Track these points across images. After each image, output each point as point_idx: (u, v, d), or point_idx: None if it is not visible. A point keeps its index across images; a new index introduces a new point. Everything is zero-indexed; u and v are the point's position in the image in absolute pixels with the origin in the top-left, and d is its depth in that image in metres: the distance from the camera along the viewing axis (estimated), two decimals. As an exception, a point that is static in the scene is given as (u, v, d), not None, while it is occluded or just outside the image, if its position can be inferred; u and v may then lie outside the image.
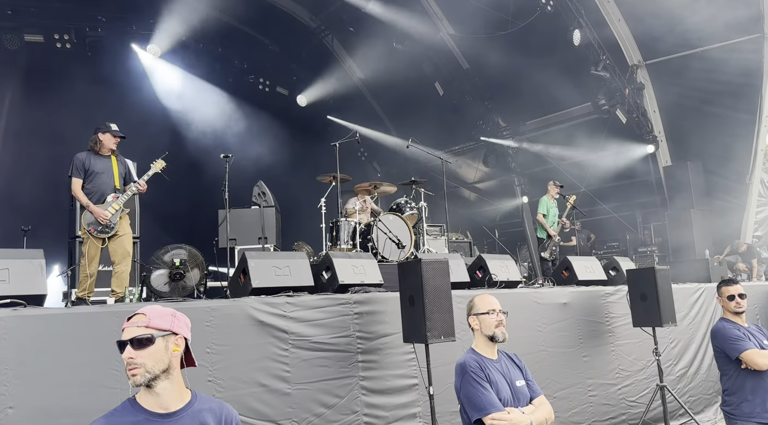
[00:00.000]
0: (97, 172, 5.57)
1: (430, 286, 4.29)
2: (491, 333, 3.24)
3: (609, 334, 6.65)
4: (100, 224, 5.39)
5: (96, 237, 5.40)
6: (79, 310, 3.79)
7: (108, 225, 5.43)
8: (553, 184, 9.92)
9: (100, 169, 5.60)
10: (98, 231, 5.39)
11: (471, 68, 14.67)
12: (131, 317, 1.99)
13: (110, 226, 5.45)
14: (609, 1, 11.62)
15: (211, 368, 3.98)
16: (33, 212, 9.55)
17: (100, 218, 5.39)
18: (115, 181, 5.69)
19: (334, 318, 4.65)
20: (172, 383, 1.96)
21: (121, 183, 5.75)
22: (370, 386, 4.72)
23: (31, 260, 3.83)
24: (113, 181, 5.68)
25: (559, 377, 5.98)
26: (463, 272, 6.19)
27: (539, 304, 6.13)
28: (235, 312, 4.21)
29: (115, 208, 5.51)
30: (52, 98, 10.99)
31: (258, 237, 8.24)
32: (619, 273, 7.57)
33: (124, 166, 5.82)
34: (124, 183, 5.79)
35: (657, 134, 12.47)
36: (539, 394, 3.27)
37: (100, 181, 5.58)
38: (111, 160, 5.71)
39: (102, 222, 5.39)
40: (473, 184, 16.83)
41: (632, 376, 6.68)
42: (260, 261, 4.82)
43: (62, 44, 11.74)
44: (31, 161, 10.39)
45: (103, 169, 5.63)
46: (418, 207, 8.47)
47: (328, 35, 15.54)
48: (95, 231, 5.38)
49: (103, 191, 5.57)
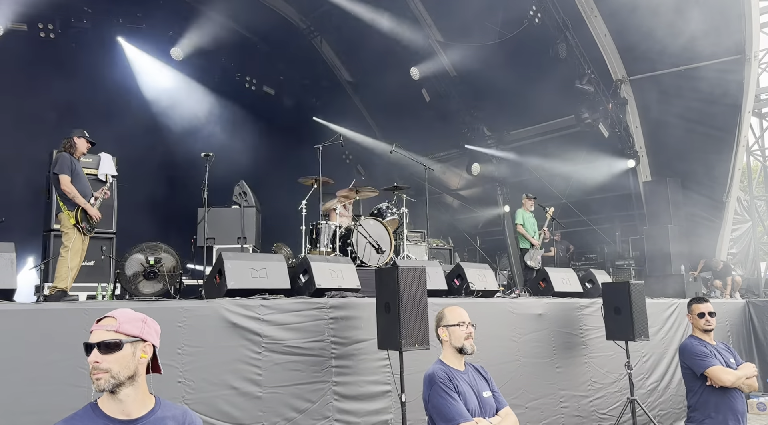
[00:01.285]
0: (79, 173, 5.84)
1: (407, 294, 4.30)
2: (460, 345, 3.27)
3: (583, 346, 6.71)
4: (89, 222, 5.67)
5: (84, 234, 5.65)
6: (49, 306, 3.73)
7: (94, 225, 5.75)
8: (526, 197, 10.08)
9: (80, 171, 5.88)
10: (87, 229, 5.66)
11: (458, 76, 14.73)
12: (101, 319, 1.95)
13: (94, 226, 5.77)
14: (596, 16, 11.75)
15: (181, 369, 3.94)
16: (6, 205, 9.38)
17: (95, 217, 5.70)
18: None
19: (309, 322, 4.63)
20: (136, 390, 1.93)
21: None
22: (343, 391, 4.71)
23: (2, 254, 3.76)
24: (89, 183, 6.01)
25: (531, 387, 6.02)
26: (441, 280, 6.21)
27: (515, 314, 6.17)
28: (208, 314, 4.17)
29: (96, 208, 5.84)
30: (31, 89, 10.80)
31: (237, 237, 8.18)
32: (595, 285, 7.64)
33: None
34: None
35: (638, 149, 12.63)
36: (505, 405, 3.31)
37: (84, 183, 5.88)
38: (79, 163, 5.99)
39: (91, 222, 5.68)
40: (456, 191, 16.89)
41: (604, 389, 6.75)
42: (236, 262, 4.78)
43: (46, 34, 11.55)
44: (6, 153, 10.21)
45: (81, 171, 5.92)
46: (400, 212, 8.47)
47: (317, 36, 15.51)
48: (85, 229, 5.64)
49: (86, 192, 5.82)
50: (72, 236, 5.56)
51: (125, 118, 11.75)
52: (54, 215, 6.72)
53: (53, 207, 6.78)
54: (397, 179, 14.30)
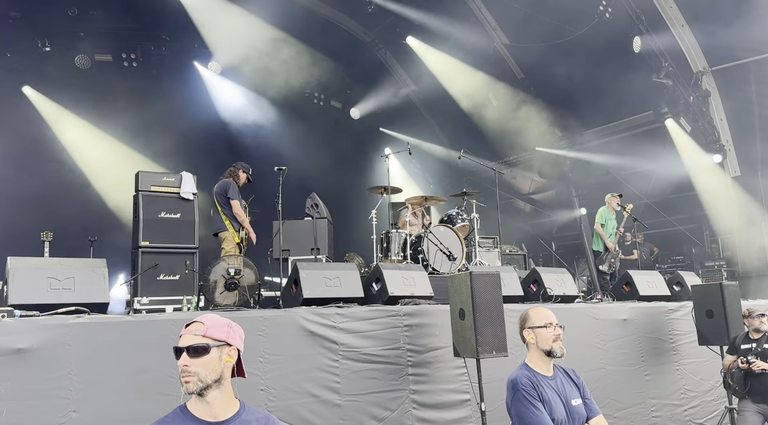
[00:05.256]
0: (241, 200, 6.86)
1: (481, 299, 4.21)
2: (548, 348, 3.05)
3: (673, 352, 6.35)
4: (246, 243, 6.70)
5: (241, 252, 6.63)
6: (139, 318, 3.93)
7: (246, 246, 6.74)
8: (612, 195, 9.55)
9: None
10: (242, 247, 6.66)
11: (526, 78, 14.45)
12: (189, 324, 2.03)
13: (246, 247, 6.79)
14: (671, 6, 11.21)
15: (263, 377, 4.03)
16: (98, 225, 10.01)
17: (253, 240, 6.73)
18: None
19: (384, 330, 4.63)
20: (223, 393, 1.99)
21: None
22: (422, 400, 4.67)
23: (95, 269, 4.00)
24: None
25: (619, 396, 5.75)
26: (517, 285, 6.06)
27: (597, 320, 5.92)
28: (286, 322, 4.26)
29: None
30: (119, 114, 11.52)
31: (311, 248, 8.33)
32: (683, 288, 7.23)
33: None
34: None
35: (724, 143, 11.89)
36: (597, 413, 3.08)
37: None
38: None
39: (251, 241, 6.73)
40: (528, 195, 16.50)
41: (699, 397, 6.34)
42: (311, 271, 4.86)
43: (129, 63, 12.33)
44: (98, 175, 10.92)
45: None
46: (470, 218, 8.36)
47: (381, 49, 15.68)
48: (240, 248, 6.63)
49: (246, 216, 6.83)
50: (229, 252, 6.52)
51: (202, 137, 12.32)
52: (140, 233, 7.14)
53: (140, 225, 7.18)
54: (466, 185, 14.21)
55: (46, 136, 11.28)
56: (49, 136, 11.33)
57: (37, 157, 10.84)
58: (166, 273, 7.16)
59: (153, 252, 6.79)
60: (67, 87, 11.28)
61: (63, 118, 11.47)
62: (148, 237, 6.95)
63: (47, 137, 11.28)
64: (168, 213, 7.09)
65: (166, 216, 7.20)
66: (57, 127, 11.47)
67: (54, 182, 10.74)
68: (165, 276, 7.16)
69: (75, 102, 11.41)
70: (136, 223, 7.37)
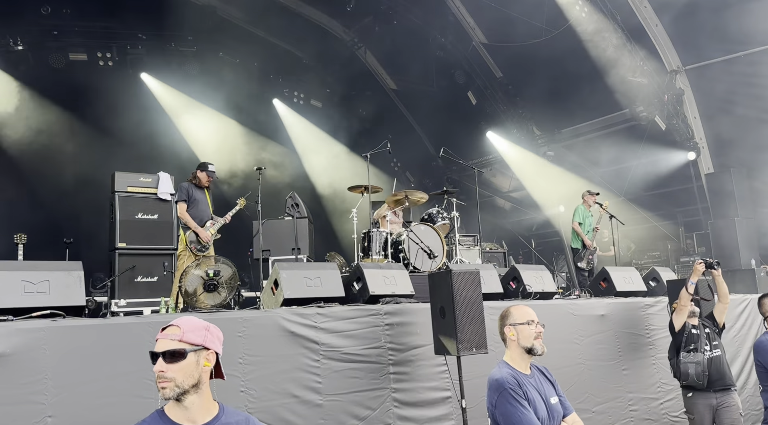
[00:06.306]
0: (197, 200, 6.77)
1: (461, 297, 4.23)
2: (529, 346, 3.02)
3: (649, 347, 6.45)
4: (200, 243, 6.57)
5: (194, 253, 6.55)
6: (115, 321, 3.87)
7: (206, 246, 6.61)
8: (588, 193, 9.69)
9: (200, 199, 6.81)
10: (198, 250, 6.55)
11: (504, 77, 14.56)
12: (165, 328, 2.00)
13: (207, 246, 6.65)
14: (646, 6, 11.38)
15: (243, 378, 4.01)
16: (75, 226, 9.85)
17: (204, 238, 6.60)
18: (210, 209, 6.99)
19: (365, 329, 4.63)
20: (201, 397, 1.97)
21: (211, 212, 6.99)
22: (403, 398, 4.68)
23: (70, 272, 3.94)
24: (209, 209, 6.94)
25: (597, 391, 5.83)
26: (496, 283, 6.10)
27: (576, 316, 5.99)
28: (266, 323, 4.24)
29: (212, 232, 6.75)
30: (94, 114, 11.34)
31: (291, 248, 8.29)
32: (659, 283, 7.35)
33: (212, 199, 7.08)
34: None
35: (698, 141, 12.11)
36: (572, 411, 3.09)
37: (200, 209, 6.78)
38: (206, 192, 6.99)
39: (203, 242, 6.59)
40: (508, 193, 16.63)
41: (675, 390, 6.44)
42: (291, 272, 4.85)
43: (104, 62, 12.14)
44: (73, 175, 10.74)
45: (201, 199, 6.87)
46: (450, 217, 8.40)
47: (361, 47, 15.67)
48: (195, 249, 6.53)
49: (202, 217, 6.77)
50: (183, 257, 6.40)
51: (181, 137, 12.19)
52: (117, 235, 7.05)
53: (117, 227, 7.09)
54: (447, 184, 14.27)
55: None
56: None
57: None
58: (144, 275, 7.08)
59: (130, 254, 6.71)
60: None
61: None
62: (125, 239, 6.86)
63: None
64: (145, 214, 7.01)
65: (143, 217, 7.12)
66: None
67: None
68: (143, 278, 7.07)
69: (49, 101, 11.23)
70: (113, 224, 7.28)
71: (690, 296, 5.26)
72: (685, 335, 5.22)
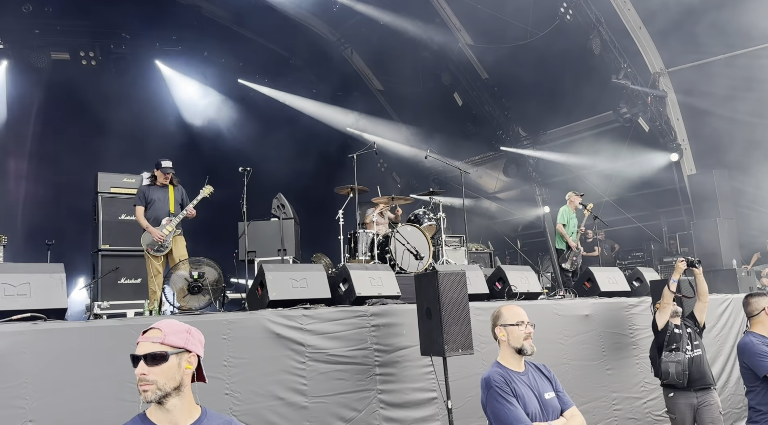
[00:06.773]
0: (154, 200, 6.45)
1: (448, 298, 4.24)
2: (519, 346, 3.12)
3: (633, 347, 6.51)
4: (156, 244, 6.20)
5: (153, 255, 6.18)
6: (97, 324, 3.83)
7: (163, 245, 6.25)
8: (574, 194, 9.75)
9: (158, 198, 6.48)
10: (155, 250, 6.19)
11: (490, 78, 14.63)
12: (146, 331, 1.98)
13: (165, 245, 6.27)
14: (630, 9, 11.50)
15: (228, 381, 3.98)
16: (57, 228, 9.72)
17: (155, 237, 6.18)
18: (170, 206, 6.52)
19: (351, 330, 4.62)
20: (183, 400, 1.95)
21: (177, 208, 6.54)
22: (389, 399, 4.68)
23: (52, 274, 3.88)
24: (168, 206, 6.52)
25: (582, 390, 5.86)
26: (482, 284, 6.12)
27: (560, 316, 6.03)
28: (251, 325, 4.21)
29: (168, 229, 6.31)
30: (76, 115, 11.21)
31: (277, 249, 8.26)
32: (642, 284, 7.42)
33: (180, 194, 6.66)
34: (181, 207, 6.55)
35: (681, 142, 12.26)
36: (570, 406, 3.14)
37: (156, 208, 6.44)
38: (168, 189, 6.60)
39: (157, 242, 6.19)
40: (494, 194, 16.72)
41: (657, 390, 6.48)
42: (277, 273, 4.82)
43: (87, 61, 12.01)
44: (56, 176, 10.61)
45: (160, 197, 6.49)
46: (437, 218, 8.41)
47: (348, 48, 15.66)
48: (152, 250, 6.19)
49: (157, 216, 6.38)
50: (148, 260, 6.18)
51: (165, 137, 12.08)
52: (100, 236, 6.98)
53: (100, 228, 7.02)
54: (433, 185, 14.30)
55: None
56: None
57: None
58: (128, 277, 7.03)
59: (113, 256, 6.66)
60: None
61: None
62: (108, 240, 6.81)
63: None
64: (129, 216, 6.95)
65: (126, 219, 7.06)
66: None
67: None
68: (126, 280, 7.02)
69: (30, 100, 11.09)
70: (96, 226, 7.20)
71: (672, 294, 5.32)
72: (667, 334, 5.28)
